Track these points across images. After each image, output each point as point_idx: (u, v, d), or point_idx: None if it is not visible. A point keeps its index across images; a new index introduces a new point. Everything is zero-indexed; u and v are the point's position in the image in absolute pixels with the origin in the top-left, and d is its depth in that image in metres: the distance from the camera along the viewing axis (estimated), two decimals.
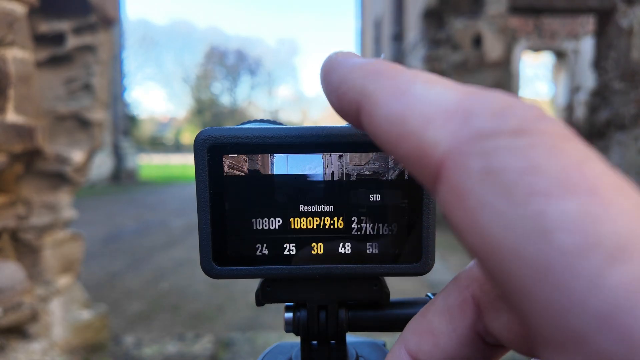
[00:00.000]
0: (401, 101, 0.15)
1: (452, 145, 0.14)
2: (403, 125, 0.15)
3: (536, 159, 0.12)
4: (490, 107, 0.14)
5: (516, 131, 0.13)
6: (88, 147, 1.85)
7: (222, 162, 0.26)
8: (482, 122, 0.13)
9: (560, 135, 0.13)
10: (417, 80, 0.16)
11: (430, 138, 0.14)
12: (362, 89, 0.17)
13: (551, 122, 0.13)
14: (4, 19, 1.36)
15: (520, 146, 0.13)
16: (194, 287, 3.24)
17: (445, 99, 0.15)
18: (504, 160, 0.12)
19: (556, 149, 0.12)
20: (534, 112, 0.14)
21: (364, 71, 0.18)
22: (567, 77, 13.24)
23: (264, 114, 33.08)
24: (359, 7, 15.34)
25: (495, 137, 0.13)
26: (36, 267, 1.67)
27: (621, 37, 5.67)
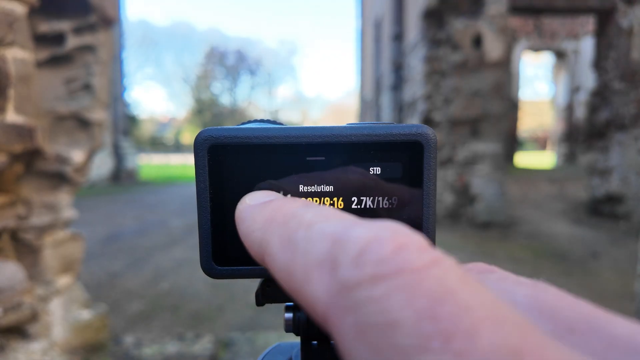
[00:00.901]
0: (287, 253, 0.16)
1: (327, 302, 0.13)
2: (290, 280, 0.15)
3: (392, 312, 0.12)
4: (351, 251, 0.14)
5: (373, 277, 0.13)
6: (88, 147, 1.85)
7: (222, 162, 0.26)
8: (345, 272, 0.13)
9: (416, 269, 0.13)
10: (302, 224, 0.16)
11: (310, 296, 0.14)
12: (260, 242, 0.18)
13: (408, 253, 0.13)
14: (4, 19, 1.36)
15: (378, 297, 0.12)
16: (194, 287, 3.24)
17: (318, 246, 0.15)
18: (368, 316, 0.12)
19: (410, 294, 0.12)
20: (389, 247, 0.13)
21: (261, 221, 0.18)
22: (567, 77, 13.24)
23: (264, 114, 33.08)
24: (359, 7, 15.34)
25: (358, 288, 0.13)
26: (36, 267, 1.67)
27: (621, 37, 5.67)
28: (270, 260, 0.17)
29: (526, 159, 16.93)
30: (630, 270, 3.13)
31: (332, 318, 0.13)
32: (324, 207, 0.18)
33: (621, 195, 5.66)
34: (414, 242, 0.14)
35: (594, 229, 5.37)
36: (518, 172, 10.30)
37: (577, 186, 7.92)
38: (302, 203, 0.19)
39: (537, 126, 29.83)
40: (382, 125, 0.26)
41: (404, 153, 0.26)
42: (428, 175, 0.25)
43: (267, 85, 36.47)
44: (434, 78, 5.42)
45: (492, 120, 5.30)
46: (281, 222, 0.17)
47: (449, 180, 5.44)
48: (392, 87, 8.16)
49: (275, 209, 0.19)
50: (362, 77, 14.88)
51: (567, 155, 13.04)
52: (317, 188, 0.26)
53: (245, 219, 0.20)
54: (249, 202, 0.21)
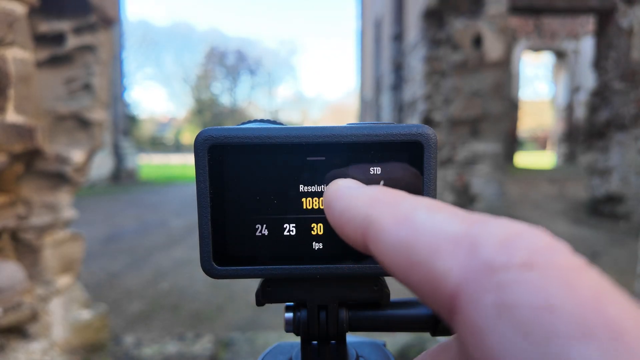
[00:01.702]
0: (406, 228, 0.15)
1: (463, 278, 0.13)
2: (411, 254, 0.15)
3: (551, 297, 0.12)
4: (496, 237, 0.14)
5: (526, 264, 0.13)
6: (88, 147, 1.85)
7: (223, 162, 0.26)
8: (490, 254, 0.13)
9: (571, 267, 0.13)
10: (420, 206, 0.16)
11: (440, 269, 0.14)
12: (366, 216, 0.17)
13: (560, 252, 0.13)
14: (4, 19, 1.36)
15: (532, 281, 0.12)
16: (194, 287, 3.24)
17: (451, 227, 0.15)
18: (517, 296, 0.12)
19: (570, 285, 0.12)
20: (542, 242, 0.13)
21: (367, 199, 0.18)
22: (567, 77, 13.24)
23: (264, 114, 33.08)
24: (359, 7, 15.34)
25: (505, 270, 0.13)
26: (36, 267, 1.67)
27: (621, 37, 5.66)
28: (378, 235, 0.16)
29: (526, 159, 16.93)
30: (630, 270, 3.13)
31: (468, 294, 0.13)
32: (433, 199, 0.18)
33: (621, 195, 5.66)
34: (562, 245, 0.14)
35: (594, 229, 5.37)
36: (518, 172, 10.29)
37: (577, 186, 7.92)
38: (407, 193, 0.19)
39: (537, 126, 29.83)
40: (382, 125, 0.26)
41: (404, 153, 0.26)
42: (428, 175, 0.25)
43: (267, 85, 36.48)
44: (434, 78, 5.42)
45: (492, 120, 5.30)
46: (392, 202, 0.17)
47: (449, 180, 5.44)
48: (392, 87, 8.16)
49: (380, 190, 0.19)
50: (362, 77, 14.87)
51: (567, 155, 13.04)
52: (317, 188, 0.26)
53: (343, 196, 0.19)
54: (343, 184, 0.21)
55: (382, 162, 0.26)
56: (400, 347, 1.89)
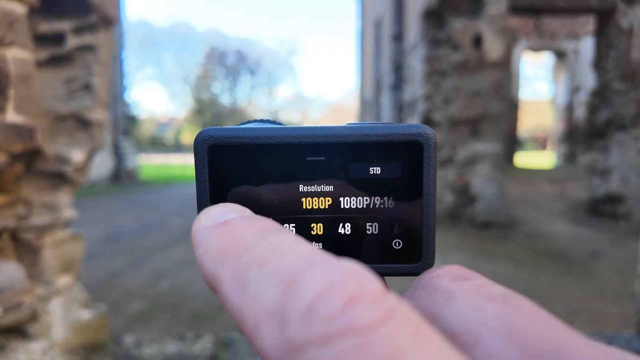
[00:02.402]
0: (238, 295, 0.15)
1: (275, 358, 0.13)
2: (243, 325, 0.15)
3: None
4: (301, 305, 0.13)
5: (322, 338, 0.12)
6: (88, 147, 1.85)
7: (222, 162, 0.26)
8: (294, 330, 0.13)
9: (367, 327, 0.12)
10: (254, 262, 0.16)
11: (260, 347, 0.14)
12: (213, 275, 0.17)
13: (359, 308, 0.13)
14: (4, 19, 1.36)
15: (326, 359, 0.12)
16: (194, 287, 3.24)
17: (269, 294, 0.14)
18: None
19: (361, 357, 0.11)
20: (340, 301, 0.13)
21: (214, 251, 0.17)
22: (567, 77, 13.24)
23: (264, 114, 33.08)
24: (359, 7, 15.34)
25: (306, 349, 0.12)
26: (36, 267, 1.67)
27: (621, 37, 5.67)
28: (222, 298, 0.16)
29: (526, 159, 16.93)
30: (630, 270, 3.13)
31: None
32: (281, 235, 0.17)
33: (621, 195, 5.66)
34: (366, 292, 0.13)
35: (594, 229, 5.37)
36: (518, 172, 10.29)
37: (577, 186, 7.92)
38: (259, 229, 0.18)
39: (537, 126, 29.82)
40: (382, 125, 0.26)
41: (404, 153, 0.26)
42: (428, 175, 0.25)
43: (267, 85, 36.48)
44: (434, 78, 5.42)
45: (492, 120, 5.30)
46: (234, 255, 0.16)
47: (449, 180, 5.44)
48: (392, 87, 8.17)
49: (230, 235, 0.18)
50: (362, 77, 14.88)
51: (567, 155, 13.04)
52: (316, 188, 0.26)
53: (199, 244, 0.18)
54: (204, 222, 0.19)
55: (382, 162, 0.26)
56: None
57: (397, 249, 0.26)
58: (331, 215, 0.26)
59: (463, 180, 5.42)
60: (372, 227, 0.26)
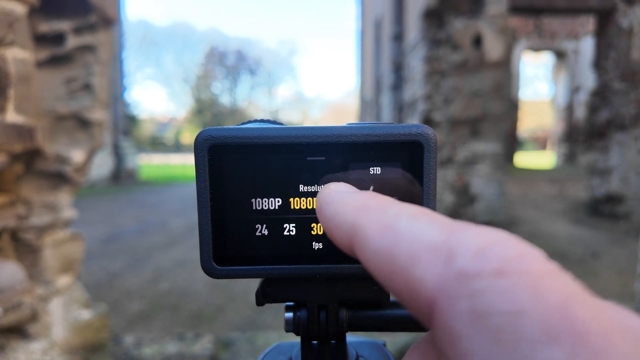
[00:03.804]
0: (388, 237, 0.16)
1: (439, 286, 0.14)
2: (392, 262, 0.16)
3: (519, 302, 0.12)
4: (471, 246, 0.14)
5: (497, 272, 0.13)
6: (88, 147, 1.85)
7: (223, 162, 0.26)
8: (465, 263, 0.14)
9: (541, 273, 0.13)
10: (403, 214, 0.17)
11: (418, 277, 0.15)
12: (353, 223, 0.18)
13: (532, 259, 0.14)
14: (4, 19, 1.36)
15: (503, 288, 0.13)
16: (194, 287, 3.24)
17: (430, 235, 0.15)
18: (489, 303, 0.13)
19: (538, 291, 0.13)
20: (514, 251, 0.14)
21: (355, 205, 0.19)
22: (567, 77, 13.24)
23: (264, 114, 33.07)
24: (359, 7, 15.34)
25: (478, 279, 0.13)
26: (36, 267, 1.67)
27: (621, 37, 5.66)
28: (363, 242, 0.17)
29: (526, 159, 16.92)
30: (630, 270, 3.13)
31: (444, 302, 0.14)
32: (420, 207, 0.18)
33: (621, 195, 5.66)
34: (535, 252, 0.14)
35: (594, 229, 5.37)
36: (518, 172, 10.29)
37: (577, 186, 7.91)
38: (394, 199, 0.19)
39: (537, 126, 29.82)
40: (382, 125, 0.26)
41: (404, 153, 0.26)
42: (428, 175, 0.25)
43: (267, 85, 36.47)
44: (434, 78, 5.42)
45: (492, 120, 5.29)
46: (378, 210, 0.18)
47: (449, 180, 5.44)
48: (392, 87, 8.16)
49: (368, 197, 0.19)
50: (362, 77, 14.87)
51: (567, 155, 13.04)
52: (317, 188, 0.26)
53: (333, 201, 0.20)
54: (334, 188, 0.21)
55: (382, 162, 0.26)
56: (400, 347, 1.89)
57: None
58: None
59: (463, 180, 5.42)
60: None
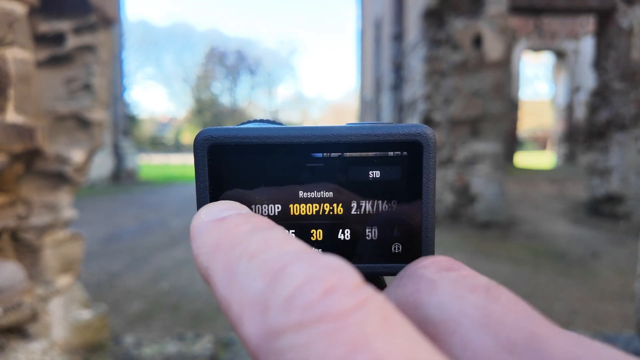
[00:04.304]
0: (227, 286, 0.16)
1: (256, 346, 0.14)
2: (230, 315, 0.15)
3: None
4: (283, 294, 0.14)
5: (298, 325, 0.13)
6: (88, 147, 1.85)
7: (222, 162, 0.26)
8: (274, 317, 0.13)
9: (339, 314, 0.13)
10: (244, 255, 0.16)
11: (243, 334, 0.14)
12: (206, 268, 0.18)
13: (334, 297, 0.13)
14: (4, 19, 1.36)
15: (300, 345, 0.12)
16: (194, 287, 3.24)
17: (254, 284, 0.15)
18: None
19: (330, 341, 0.12)
20: (318, 291, 0.13)
21: (209, 245, 0.18)
22: (567, 77, 13.24)
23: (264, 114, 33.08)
24: (359, 7, 15.34)
25: (284, 335, 0.13)
26: (36, 267, 1.67)
27: (621, 37, 5.67)
28: (213, 289, 0.17)
29: (526, 159, 16.93)
30: (630, 270, 3.13)
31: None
32: (273, 232, 0.18)
33: (621, 195, 5.66)
34: (344, 283, 0.14)
35: (594, 229, 5.37)
36: (518, 172, 10.29)
37: (577, 186, 7.92)
38: (253, 225, 0.18)
39: (537, 126, 29.82)
40: (381, 125, 0.26)
41: (404, 153, 0.26)
42: (427, 175, 0.25)
43: (267, 85, 36.48)
44: (434, 78, 5.42)
45: (492, 120, 5.29)
46: (227, 249, 0.17)
47: (449, 180, 5.44)
48: (392, 87, 8.17)
49: (225, 230, 0.18)
50: (362, 77, 14.87)
51: (567, 155, 13.04)
52: (316, 194, 0.26)
53: (195, 237, 0.19)
54: (203, 217, 0.20)
55: (382, 162, 0.26)
56: None
57: (396, 252, 0.26)
58: (331, 216, 0.26)
59: (463, 180, 5.42)
60: (371, 232, 0.26)
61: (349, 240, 0.26)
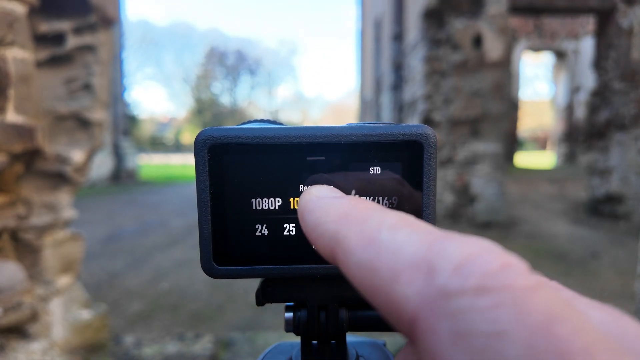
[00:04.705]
0: (369, 251, 0.16)
1: (420, 305, 0.14)
2: (373, 277, 0.15)
3: (501, 323, 0.12)
4: (452, 260, 0.14)
5: (479, 289, 0.13)
6: (88, 147, 1.85)
7: (223, 162, 0.26)
8: (445, 279, 0.13)
9: (524, 288, 0.13)
10: (384, 225, 0.16)
11: (399, 294, 0.14)
12: (334, 234, 0.17)
13: (514, 272, 0.13)
14: (4, 19, 1.36)
15: (484, 307, 0.12)
16: (194, 287, 3.24)
17: (410, 249, 0.15)
18: (470, 323, 0.12)
19: (520, 309, 0.12)
20: (495, 264, 0.13)
21: (336, 214, 0.18)
22: (567, 77, 13.24)
23: (264, 114, 33.08)
24: (359, 7, 15.34)
25: (459, 297, 0.13)
26: (36, 267, 1.67)
27: (621, 37, 5.66)
28: (345, 255, 0.17)
29: (526, 159, 16.93)
30: (630, 270, 3.13)
31: (425, 321, 0.13)
32: (403, 213, 0.18)
33: (621, 195, 5.66)
34: (518, 263, 0.14)
35: (594, 229, 5.37)
36: (518, 172, 10.29)
37: (577, 186, 7.92)
38: (378, 205, 0.19)
39: (537, 126, 29.82)
40: (382, 125, 0.26)
41: (404, 153, 0.26)
42: (428, 175, 0.25)
43: (267, 85, 36.47)
44: (434, 78, 5.42)
45: (492, 120, 5.29)
46: (359, 219, 0.17)
47: (449, 180, 5.44)
48: (392, 87, 8.16)
49: (350, 205, 0.19)
50: (362, 77, 14.87)
51: (567, 155, 13.04)
52: None
53: (314, 209, 0.19)
54: (316, 193, 0.20)
55: (382, 162, 0.26)
56: (400, 347, 1.89)
57: None
58: None
59: (463, 180, 5.42)
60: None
61: None
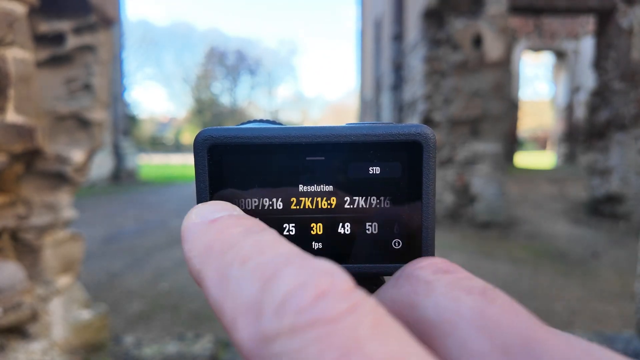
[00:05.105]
0: (219, 290, 0.16)
1: (250, 351, 0.14)
2: (222, 319, 0.15)
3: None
4: (275, 298, 0.14)
5: (291, 330, 0.13)
6: (88, 147, 1.85)
7: (222, 162, 0.26)
8: (267, 322, 0.13)
9: (330, 320, 0.13)
10: (237, 259, 0.16)
11: (237, 341, 0.14)
12: (198, 272, 0.18)
13: (327, 300, 0.13)
14: (4, 19, 1.36)
15: (293, 350, 0.12)
16: (194, 287, 3.24)
17: (248, 289, 0.15)
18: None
19: (320, 347, 0.12)
20: (309, 296, 0.13)
21: (201, 247, 0.18)
22: (567, 77, 13.24)
23: (264, 114, 33.09)
24: (359, 7, 15.34)
25: (276, 340, 0.13)
26: (36, 267, 1.67)
27: (621, 37, 5.67)
28: (206, 294, 0.17)
29: (526, 159, 16.93)
30: (630, 270, 3.13)
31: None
32: (265, 235, 0.18)
33: (621, 195, 5.66)
34: (336, 287, 0.14)
35: (594, 229, 5.37)
36: (518, 172, 10.29)
37: (577, 186, 7.92)
38: (245, 228, 0.18)
39: (537, 126, 29.82)
40: (381, 125, 0.26)
41: (403, 153, 0.26)
42: (427, 175, 0.25)
43: (267, 85, 36.47)
44: (434, 78, 5.42)
45: (492, 120, 5.29)
46: (219, 252, 0.17)
47: (449, 180, 5.44)
48: (392, 87, 8.17)
49: (216, 232, 0.18)
50: (362, 77, 14.88)
51: (567, 155, 13.04)
52: (316, 188, 0.26)
53: (187, 239, 0.19)
54: (194, 219, 0.20)
55: (382, 162, 0.26)
56: None
57: (396, 248, 0.26)
58: (331, 215, 0.26)
59: (463, 180, 5.42)
60: (371, 227, 0.26)
61: (349, 234, 0.26)
